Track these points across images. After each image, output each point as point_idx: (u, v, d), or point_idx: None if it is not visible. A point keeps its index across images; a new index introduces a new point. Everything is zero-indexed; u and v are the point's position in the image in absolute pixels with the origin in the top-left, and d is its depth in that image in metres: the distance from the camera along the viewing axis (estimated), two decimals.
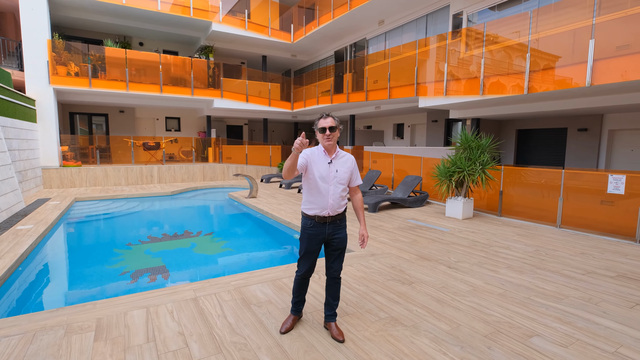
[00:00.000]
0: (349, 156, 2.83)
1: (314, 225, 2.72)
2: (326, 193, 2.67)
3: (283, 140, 21.45)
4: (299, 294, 2.91)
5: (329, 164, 2.69)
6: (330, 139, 2.66)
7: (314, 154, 2.72)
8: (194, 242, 6.88)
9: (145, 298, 3.48)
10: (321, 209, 2.68)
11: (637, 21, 6.17)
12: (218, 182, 14.24)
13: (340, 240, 2.78)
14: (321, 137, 2.69)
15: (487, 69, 7.97)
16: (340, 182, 2.70)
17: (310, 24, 15.05)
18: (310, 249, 2.75)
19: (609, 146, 9.07)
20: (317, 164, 2.68)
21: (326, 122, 2.66)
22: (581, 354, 2.65)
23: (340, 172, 2.71)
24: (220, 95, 14.55)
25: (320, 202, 2.68)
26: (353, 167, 2.80)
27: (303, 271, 2.82)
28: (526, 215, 7.37)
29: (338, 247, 2.79)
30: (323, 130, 2.66)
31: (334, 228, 2.74)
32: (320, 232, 2.71)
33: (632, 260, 4.90)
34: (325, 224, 2.70)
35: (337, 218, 2.74)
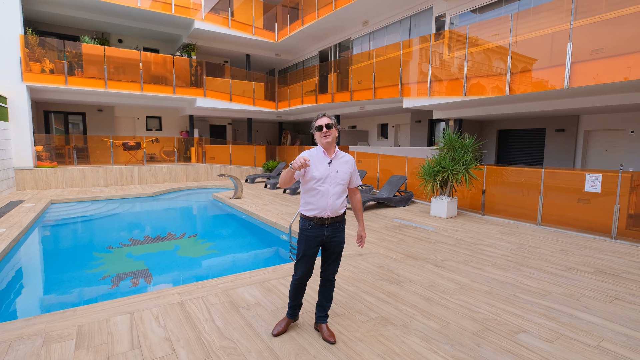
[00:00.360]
0: (349, 157, 2.82)
1: (312, 226, 2.67)
2: (326, 193, 2.63)
3: (267, 140, 21.29)
4: (295, 298, 2.84)
5: (329, 164, 2.67)
6: (328, 136, 2.64)
7: (313, 154, 2.69)
8: (177, 244, 6.73)
9: (129, 303, 3.36)
10: (321, 210, 2.64)
11: (610, 26, 6.41)
12: (201, 182, 13.99)
13: (339, 242, 2.75)
14: (319, 135, 2.66)
15: (470, 70, 8.13)
16: (340, 182, 2.68)
17: (295, 24, 14.98)
18: (309, 251, 2.69)
19: (585, 146, 9.41)
20: (317, 164, 2.66)
21: (322, 120, 2.66)
22: (566, 349, 2.72)
23: (341, 173, 2.69)
24: (203, 94, 14.29)
25: (320, 203, 2.64)
26: (353, 167, 2.79)
27: (300, 275, 2.75)
28: (508, 213, 7.55)
29: (336, 249, 2.75)
30: (320, 128, 2.65)
31: (333, 230, 2.70)
32: (319, 234, 2.67)
33: (608, 256, 5.09)
34: (325, 225, 2.67)
35: (336, 220, 2.70)
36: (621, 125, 8.67)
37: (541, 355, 2.62)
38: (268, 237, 7.22)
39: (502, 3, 9.05)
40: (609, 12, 6.49)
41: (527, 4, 8.56)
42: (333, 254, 2.78)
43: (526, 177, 7.33)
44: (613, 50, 6.08)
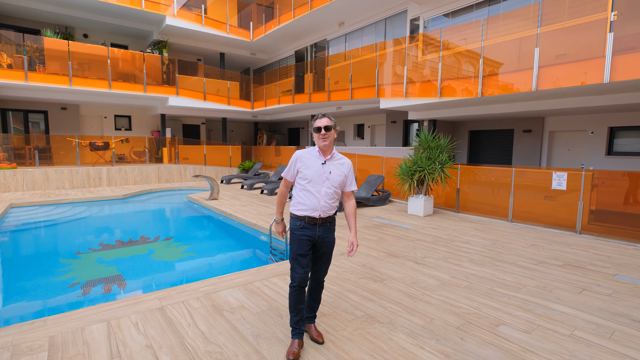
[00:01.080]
0: (346, 160, 2.76)
1: (303, 226, 2.62)
2: (318, 194, 2.59)
3: (243, 141, 20.97)
4: (296, 310, 2.63)
5: (323, 164, 2.62)
6: (326, 139, 2.59)
7: (305, 156, 2.65)
8: (151, 247, 6.49)
9: (104, 310, 3.19)
10: (312, 210, 2.59)
11: (572, 33, 6.80)
12: (175, 183, 13.57)
13: (329, 243, 2.71)
14: (317, 137, 2.62)
15: (444, 73, 8.37)
16: (332, 184, 2.63)
17: (270, 23, 14.86)
18: (301, 251, 2.61)
19: (550, 146, 9.93)
20: (310, 164, 2.62)
21: (321, 121, 2.60)
22: (543, 338, 2.85)
23: (334, 175, 2.63)
24: (175, 92, 13.87)
25: (311, 203, 2.59)
26: (348, 171, 2.73)
27: (297, 278, 2.60)
28: (481, 211, 7.83)
29: (326, 250, 2.71)
30: (318, 129, 2.60)
31: (324, 230, 2.66)
32: (310, 233, 2.62)
33: (575, 249, 5.39)
34: (316, 225, 2.62)
35: (327, 220, 2.66)
36: (582, 127, 9.22)
37: (521, 346, 2.73)
38: (247, 238, 7.10)
39: (473, 8, 9.39)
40: (567, 21, 6.89)
41: (496, 10, 8.92)
42: (324, 255, 2.73)
43: (498, 176, 7.64)
44: (572, 57, 6.46)
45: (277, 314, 3.20)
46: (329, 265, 2.80)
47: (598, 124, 8.94)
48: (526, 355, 2.62)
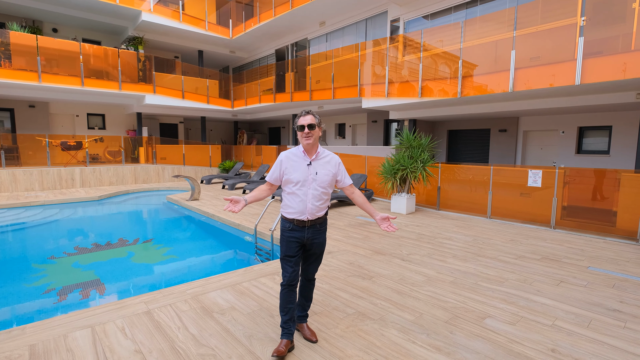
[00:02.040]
0: (333, 157, 2.66)
1: (292, 228, 2.58)
2: (304, 197, 2.53)
3: (222, 140, 20.63)
4: (286, 309, 2.58)
5: (308, 165, 2.55)
6: (310, 138, 2.50)
7: (290, 158, 2.57)
8: (131, 250, 6.29)
9: (88, 316, 3.07)
10: (299, 214, 2.54)
11: (545, 36, 7.11)
12: (152, 184, 13.19)
13: (319, 244, 2.67)
14: (300, 135, 2.53)
15: (425, 74, 8.55)
16: (320, 185, 2.54)
17: (250, 21, 14.69)
18: (290, 252, 2.59)
19: (524, 145, 10.34)
20: (295, 166, 2.54)
21: (305, 119, 2.51)
22: (527, 329, 2.96)
23: (321, 175, 2.55)
24: (152, 90, 13.47)
25: (298, 207, 2.54)
26: (337, 168, 2.64)
27: (287, 277, 2.58)
28: (461, 208, 8.06)
29: (316, 251, 2.68)
30: (302, 128, 2.51)
31: (314, 232, 2.61)
32: (299, 235, 2.57)
33: (550, 244, 5.63)
34: (305, 227, 2.57)
35: (316, 222, 2.61)
36: (554, 127, 9.65)
37: (507, 337, 2.83)
38: (231, 239, 7.01)
39: (451, 11, 9.63)
40: (540, 25, 7.20)
41: (473, 13, 9.19)
42: (313, 255, 2.70)
43: (477, 174, 7.87)
44: (545, 59, 6.76)
45: (269, 314, 3.17)
46: (319, 264, 2.79)
47: (568, 124, 9.39)
48: (513, 346, 2.72)
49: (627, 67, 5.88)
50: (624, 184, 6.30)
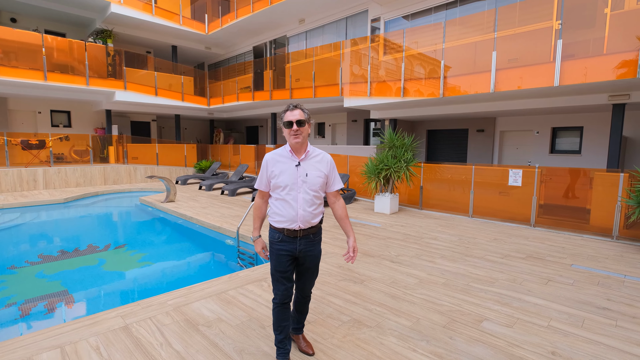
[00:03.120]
0: (324, 155, 2.37)
1: (282, 239, 2.29)
2: (295, 202, 2.24)
3: (198, 139, 19.99)
4: (280, 328, 2.36)
5: (297, 166, 2.26)
6: (299, 136, 2.20)
7: (276, 159, 2.29)
8: (102, 257, 5.87)
9: (56, 334, 2.75)
10: (290, 222, 2.25)
11: (523, 39, 7.26)
12: (124, 185, 12.53)
13: (314, 257, 2.38)
14: (288, 133, 2.23)
15: (407, 73, 8.54)
16: (311, 188, 2.27)
17: (227, 16, 14.26)
18: (280, 267, 2.30)
19: (500, 145, 10.60)
20: (282, 168, 2.26)
21: (293, 114, 2.22)
22: (525, 332, 2.93)
23: (311, 176, 2.27)
24: (123, 86, 12.79)
25: (288, 214, 2.25)
26: (329, 169, 2.36)
27: (279, 295, 2.33)
28: (443, 207, 8.11)
29: (310, 265, 2.39)
30: (289, 124, 2.21)
31: (307, 244, 2.32)
32: (290, 248, 2.29)
33: (532, 242, 5.73)
34: (296, 238, 2.29)
35: (310, 232, 2.32)
36: (529, 127, 9.93)
37: (507, 341, 2.78)
38: (211, 243, 6.70)
39: (431, 11, 9.71)
40: (523, 27, 7.35)
41: (453, 14, 9.29)
42: (308, 270, 2.42)
43: (459, 173, 7.95)
44: (523, 61, 6.92)
45: (259, 324, 2.97)
46: (315, 278, 2.52)
47: (542, 124, 9.69)
48: (513, 350, 2.66)
49: (601, 70, 6.08)
50: (596, 183, 6.52)
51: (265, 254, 2.40)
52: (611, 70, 5.96)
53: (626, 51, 5.82)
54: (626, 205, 5.85)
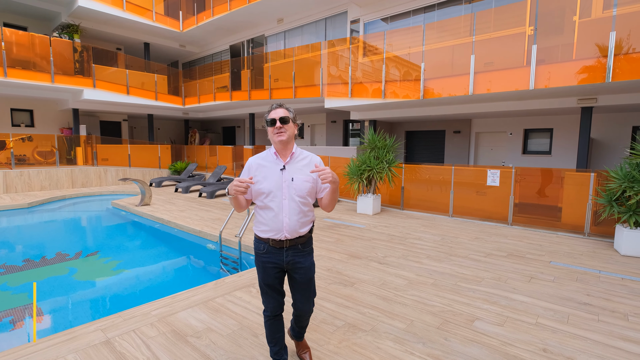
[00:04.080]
0: (313, 157, 2.16)
1: (267, 250, 2.12)
2: (279, 210, 2.06)
3: (172, 140, 19.35)
4: (275, 340, 2.26)
5: (282, 170, 2.08)
6: (283, 134, 2.03)
7: (259, 163, 2.11)
8: (72, 266, 5.52)
9: (28, 354, 2.52)
10: (275, 232, 2.08)
11: (498, 43, 7.51)
12: (93, 188, 11.90)
13: (304, 269, 2.18)
14: (271, 131, 2.07)
15: (388, 75, 8.63)
16: (298, 194, 2.07)
17: (203, 14, 13.89)
18: (267, 280, 2.16)
19: (476, 146, 10.93)
20: (266, 173, 2.08)
21: (276, 112, 2.06)
22: (515, 330, 2.98)
23: (298, 181, 2.07)
24: (92, 84, 12.16)
25: (273, 223, 2.07)
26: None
27: (269, 308, 2.22)
28: (424, 207, 8.24)
29: (301, 279, 2.19)
30: (272, 122, 2.04)
31: (295, 254, 2.14)
32: (276, 259, 2.12)
33: (512, 240, 5.92)
34: (283, 249, 2.11)
35: (298, 242, 2.13)
36: (503, 128, 10.30)
37: (499, 340, 2.82)
38: (191, 248, 6.46)
39: (410, 14, 9.86)
40: (497, 32, 7.59)
41: (431, 17, 9.48)
42: (300, 284, 2.21)
43: (439, 174, 8.10)
44: (499, 65, 7.15)
45: (251, 333, 2.86)
46: (310, 294, 2.26)
47: (515, 126, 10.07)
48: (507, 348, 2.70)
49: (571, 75, 6.37)
50: (567, 182, 6.82)
51: (236, 184, 1.93)
52: (580, 75, 6.25)
53: (594, 57, 6.12)
54: (596, 203, 6.15)
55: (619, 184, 5.25)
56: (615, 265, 4.66)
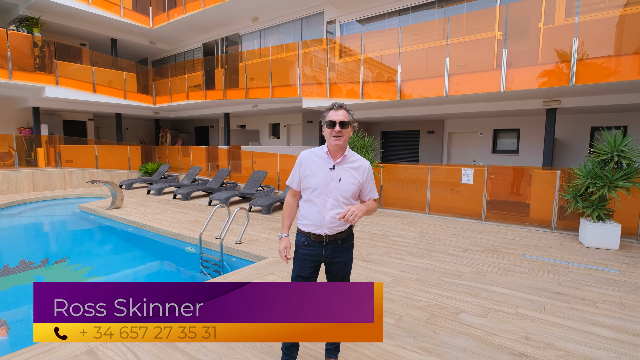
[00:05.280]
0: (363, 162, 2.22)
1: (308, 243, 2.19)
2: (323, 207, 2.13)
3: (141, 140, 18.63)
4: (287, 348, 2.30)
5: (331, 169, 2.13)
6: (340, 138, 2.07)
7: (311, 159, 2.18)
8: (39, 274, 5.21)
9: None
10: (316, 227, 2.15)
11: (469, 47, 7.82)
12: (57, 191, 11.24)
13: (343, 264, 2.25)
14: (328, 133, 2.09)
15: (366, 76, 8.75)
16: (342, 194, 2.12)
17: (174, 10, 13.49)
18: (303, 273, 2.21)
19: (449, 145, 11.32)
20: (314, 170, 2.15)
21: (337, 114, 2.07)
22: (498, 320, 3.12)
23: (345, 183, 2.12)
24: (55, 81, 11.48)
25: (315, 218, 2.14)
26: (366, 177, 2.20)
27: None
28: (402, 205, 8.43)
29: (339, 273, 2.26)
30: (332, 124, 2.06)
31: (334, 249, 2.20)
32: (315, 253, 2.19)
33: (487, 235, 6.18)
34: (322, 243, 2.18)
35: (338, 237, 2.19)
36: (473, 129, 10.73)
37: (485, 331, 2.94)
38: (168, 251, 6.25)
39: (385, 17, 10.05)
40: (469, 35, 7.90)
41: (406, 20, 9.72)
42: (336, 278, 2.27)
43: (416, 173, 8.32)
44: (468, 68, 7.46)
45: None
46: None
47: (485, 126, 10.52)
48: (492, 338, 2.82)
49: (537, 78, 6.74)
50: (534, 180, 7.21)
51: (284, 254, 2.21)
52: (545, 78, 6.63)
53: (558, 62, 6.51)
54: (562, 199, 6.54)
55: (583, 180, 5.61)
56: (582, 257, 4.98)
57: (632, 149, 5.35)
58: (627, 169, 5.30)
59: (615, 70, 6.07)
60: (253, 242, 5.62)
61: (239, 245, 5.43)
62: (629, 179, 5.29)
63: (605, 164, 5.53)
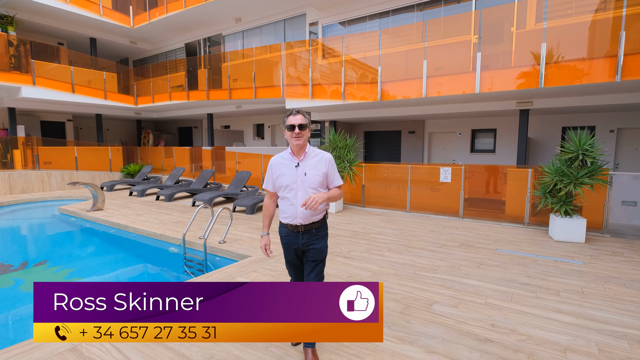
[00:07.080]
0: (324, 155, 2.52)
1: (287, 234, 2.53)
2: (295, 200, 2.43)
3: (122, 141, 18.33)
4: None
5: (296, 167, 2.44)
6: (300, 138, 2.39)
7: (279, 162, 2.51)
8: (18, 277, 5.15)
9: None
10: (292, 218, 2.45)
11: (446, 50, 8.09)
12: (36, 194, 11.00)
13: (317, 250, 2.51)
14: (289, 135, 2.42)
15: (348, 78, 8.93)
16: (310, 186, 2.42)
17: (156, 9, 13.37)
18: (288, 258, 2.62)
19: (429, 145, 11.62)
20: (284, 170, 2.47)
21: (296, 119, 2.40)
22: (468, 310, 3.32)
23: (310, 175, 2.43)
24: (32, 81, 11.23)
25: (290, 211, 2.45)
26: (327, 167, 2.48)
27: (291, 277, 2.73)
28: (383, 204, 8.64)
29: (315, 258, 2.52)
30: (292, 127, 2.39)
31: (310, 238, 2.49)
32: (294, 241, 2.51)
33: (463, 232, 6.43)
34: (299, 233, 2.48)
35: (312, 227, 2.48)
36: (453, 129, 11.06)
37: (455, 320, 3.13)
38: (152, 252, 6.26)
39: (366, 19, 10.26)
40: (448, 38, 8.17)
41: (386, 23, 9.94)
42: (311, 263, 2.53)
43: (396, 172, 8.54)
44: (446, 70, 7.72)
45: None
46: (320, 272, 2.55)
47: (464, 126, 10.86)
48: (461, 326, 3.01)
49: (510, 80, 7.05)
50: (509, 178, 7.53)
51: (266, 251, 2.64)
52: (518, 81, 6.95)
53: (529, 65, 6.83)
54: (533, 195, 6.87)
55: (552, 177, 5.93)
56: (550, 250, 5.27)
57: (596, 148, 5.69)
58: (590, 167, 5.63)
59: (586, 73, 6.41)
60: (237, 241, 5.70)
61: (223, 244, 5.51)
62: (592, 176, 5.63)
63: (571, 162, 5.85)
